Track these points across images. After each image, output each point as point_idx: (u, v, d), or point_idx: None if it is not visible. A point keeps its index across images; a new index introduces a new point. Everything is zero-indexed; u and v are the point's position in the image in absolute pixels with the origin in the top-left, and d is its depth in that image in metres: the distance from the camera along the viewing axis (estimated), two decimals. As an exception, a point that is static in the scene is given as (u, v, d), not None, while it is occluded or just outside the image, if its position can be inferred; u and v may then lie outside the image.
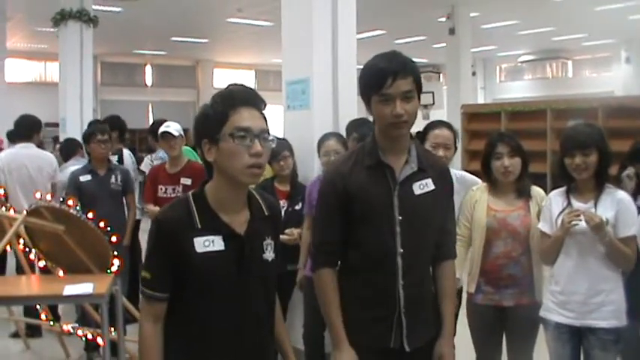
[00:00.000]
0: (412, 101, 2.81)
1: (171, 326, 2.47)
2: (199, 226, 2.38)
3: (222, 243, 2.38)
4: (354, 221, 2.90)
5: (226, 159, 2.35)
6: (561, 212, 3.74)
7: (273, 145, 2.49)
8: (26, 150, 7.13)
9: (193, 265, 2.35)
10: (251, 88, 2.49)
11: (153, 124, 8.12)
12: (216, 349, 2.41)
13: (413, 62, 2.87)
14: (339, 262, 2.99)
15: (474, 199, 4.19)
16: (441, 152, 4.12)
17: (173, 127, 5.95)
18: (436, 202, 2.98)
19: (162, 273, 2.40)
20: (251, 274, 2.43)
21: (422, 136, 4.30)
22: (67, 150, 7.63)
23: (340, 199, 2.89)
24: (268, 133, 2.42)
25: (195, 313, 2.41)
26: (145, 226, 7.21)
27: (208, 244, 2.37)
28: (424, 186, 2.94)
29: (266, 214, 2.55)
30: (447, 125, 4.33)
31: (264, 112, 2.47)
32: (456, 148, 4.30)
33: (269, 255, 2.50)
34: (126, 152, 7.54)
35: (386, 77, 2.76)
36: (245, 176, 2.36)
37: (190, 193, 2.50)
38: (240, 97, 2.40)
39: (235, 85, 2.48)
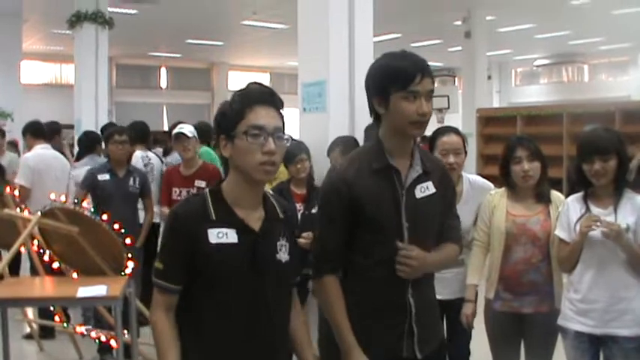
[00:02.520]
0: (430, 102, 2.78)
1: (182, 321, 2.47)
2: (214, 217, 2.41)
3: (236, 236, 2.40)
4: (360, 228, 2.83)
5: (240, 155, 2.39)
6: (579, 218, 3.68)
7: (288, 145, 2.51)
8: (48, 151, 7.18)
9: (206, 255, 2.37)
10: (269, 88, 2.51)
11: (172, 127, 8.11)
12: (226, 345, 2.41)
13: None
14: (346, 271, 2.92)
15: (493, 204, 4.13)
16: (451, 159, 4.07)
17: (187, 129, 5.93)
18: (436, 205, 2.94)
19: (174, 264, 2.42)
20: (263, 271, 2.43)
21: (430, 143, 4.26)
22: (87, 142, 7.52)
23: (344, 207, 2.81)
24: (283, 132, 2.45)
25: (206, 308, 2.41)
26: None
27: (222, 235, 2.39)
28: (425, 189, 2.89)
29: (280, 216, 2.57)
30: (455, 131, 4.28)
31: (281, 111, 2.49)
32: (466, 153, 4.24)
33: (283, 256, 2.51)
34: (137, 154, 7.50)
35: (415, 74, 2.71)
36: (258, 173, 2.39)
37: (207, 189, 2.54)
38: (256, 96, 2.44)
39: (255, 83, 2.52)
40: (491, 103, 25.98)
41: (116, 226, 4.89)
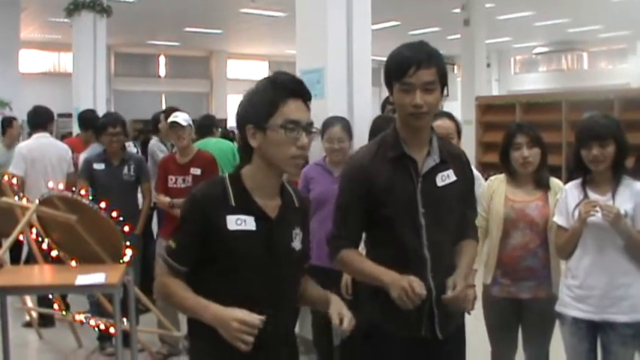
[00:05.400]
0: (433, 93, 2.78)
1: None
2: (233, 203, 2.42)
3: (254, 224, 2.42)
4: (377, 215, 2.88)
5: (273, 147, 2.40)
6: (578, 205, 3.68)
7: (317, 137, 2.53)
8: (44, 139, 7.16)
9: (224, 242, 2.39)
10: (300, 80, 2.50)
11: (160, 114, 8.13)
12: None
13: (439, 54, 2.85)
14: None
15: (492, 190, 4.15)
16: None
17: (181, 117, 5.92)
18: (458, 192, 2.98)
19: (187, 246, 2.45)
20: (279, 259, 2.46)
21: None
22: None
23: (361, 194, 2.88)
24: (313, 125, 2.47)
25: (222, 293, 2.41)
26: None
27: (240, 222, 2.41)
28: (446, 177, 2.94)
29: (296, 205, 2.59)
30: (449, 115, 4.31)
31: (309, 104, 2.49)
32: (459, 138, 4.26)
33: (297, 244, 2.53)
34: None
35: (409, 66, 2.74)
36: (289, 166, 2.43)
37: (227, 174, 2.54)
38: (291, 88, 2.43)
39: (284, 74, 2.50)
40: (490, 90, 25.91)
41: (114, 214, 4.89)
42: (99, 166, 6.18)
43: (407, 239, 2.86)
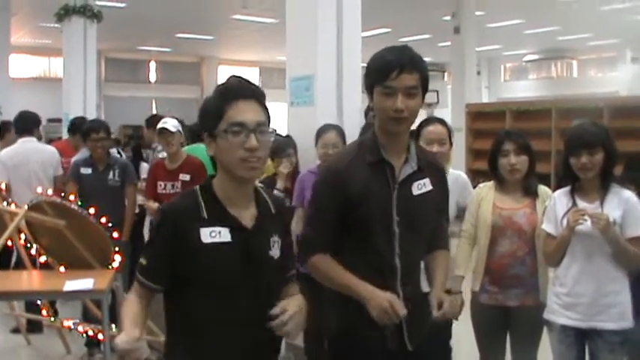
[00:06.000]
0: (415, 98, 2.75)
1: (173, 323, 2.46)
2: (206, 216, 2.35)
3: (229, 235, 2.34)
4: (351, 220, 2.83)
5: (223, 154, 2.34)
6: (566, 213, 3.68)
7: (272, 139, 2.47)
8: (29, 144, 7.10)
9: (198, 256, 2.31)
10: (249, 81, 2.44)
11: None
12: (220, 343, 2.37)
13: (422, 59, 2.81)
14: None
15: (480, 197, 4.16)
16: (435, 148, 4.09)
17: (170, 123, 5.92)
18: (433, 202, 2.94)
19: (158, 263, 2.37)
20: (257, 269, 2.38)
21: (416, 133, 4.27)
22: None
23: (336, 198, 2.82)
24: (266, 126, 2.38)
25: (197, 310, 2.36)
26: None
27: (215, 234, 2.33)
28: (422, 186, 2.90)
29: (272, 211, 2.51)
30: (441, 121, 4.30)
31: (264, 103, 2.43)
32: (451, 144, 4.26)
33: (275, 252, 2.45)
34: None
35: (392, 69, 2.70)
36: (241, 170, 2.33)
37: (198, 186, 2.47)
38: (236, 91, 2.37)
39: (234, 77, 2.45)
40: (480, 98, 25.98)
41: (103, 220, 4.88)
42: (86, 171, 6.19)
43: (379, 246, 2.82)
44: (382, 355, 2.88)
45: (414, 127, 4.33)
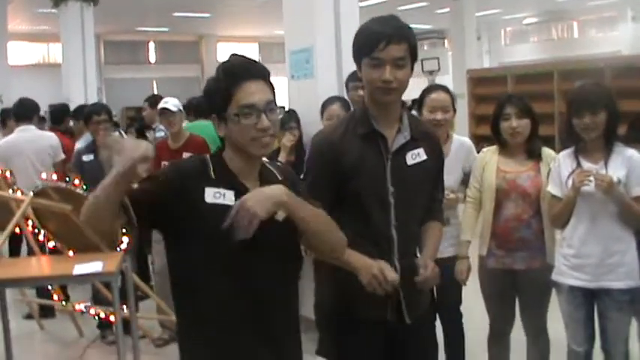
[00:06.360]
0: (403, 69, 2.73)
1: (182, 299, 2.43)
2: (213, 176, 2.34)
3: (233, 199, 2.31)
4: (345, 192, 2.82)
5: (235, 135, 2.33)
6: (571, 174, 3.68)
7: (279, 115, 2.45)
8: (25, 133, 7.07)
9: (201, 215, 2.29)
10: (252, 59, 2.42)
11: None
12: (218, 301, 2.33)
13: (409, 28, 2.78)
14: None
15: (484, 161, 4.16)
16: (439, 115, 4.09)
17: (171, 103, 5.91)
18: (427, 172, 2.94)
19: (147, 190, 2.26)
20: (259, 233, 2.26)
21: (419, 100, 4.27)
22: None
23: (330, 170, 2.81)
24: (275, 104, 2.38)
25: (205, 282, 2.33)
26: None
27: (219, 196, 2.31)
28: (416, 156, 2.89)
29: (279, 178, 2.49)
30: (444, 88, 4.31)
31: (269, 80, 2.41)
32: (454, 111, 4.27)
33: (281, 215, 2.36)
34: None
35: (379, 41, 2.68)
36: (254, 148, 2.33)
37: (208, 155, 2.47)
38: (242, 71, 2.35)
39: (236, 56, 2.43)
40: (481, 63, 25.90)
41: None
42: (88, 158, 6.13)
43: (375, 218, 2.82)
44: (381, 329, 2.90)
45: (417, 95, 4.35)
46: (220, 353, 2.36)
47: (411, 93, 3.59)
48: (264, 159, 2.52)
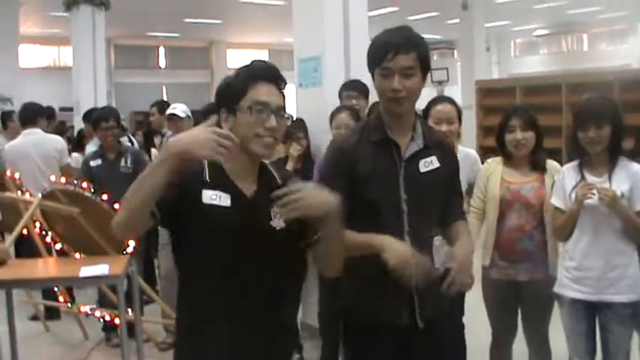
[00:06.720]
0: (412, 78, 2.77)
1: (182, 299, 2.52)
2: (208, 179, 2.41)
3: (229, 201, 2.40)
4: (359, 199, 2.83)
5: (241, 128, 2.40)
6: (574, 187, 3.69)
7: (288, 123, 2.51)
8: (31, 137, 7.13)
9: (199, 214, 2.37)
10: (273, 66, 2.53)
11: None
12: (226, 323, 2.40)
13: (420, 38, 2.83)
14: None
15: (489, 172, 4.19)
16: (444, 127, 4.11)
17: (179, 109, 5.96)
18: (440, 179, 2.96)
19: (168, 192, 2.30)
20: (253, 237, 2.38)
21: (424, 112, 4.30)
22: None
23: (345, 178, 2.83)
24: (284, 110, 2.47)
25: (204, 283, 2.41)
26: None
27: (215, 197, 2.39)
28: (429, 164, 2.92)
29: (279, 182, 2.53)
30: (450, 100, 4.33)
31: (283, 90, 2.51)
32: (460, 123, 4.29)
33: (278, 223, 2.44)
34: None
35: (387, 51, 2.74)
36: (256, 145, 2.41)
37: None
38: (261, 73, 2.47)
39: (259, 61, 2.55)
40: (490, 74, 25.86)
41: (116, 206, 4.92)
42: (95, 163, 6.17)
43: (388, 225, 2.82)
44: (394, 332, 2.90)
45: (423, 106, 4.38)
46: (217, 349, 2.42)
47: (420, 103, 3.61)
48: (266, 161, 2.57)
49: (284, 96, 2.50)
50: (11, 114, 8.90)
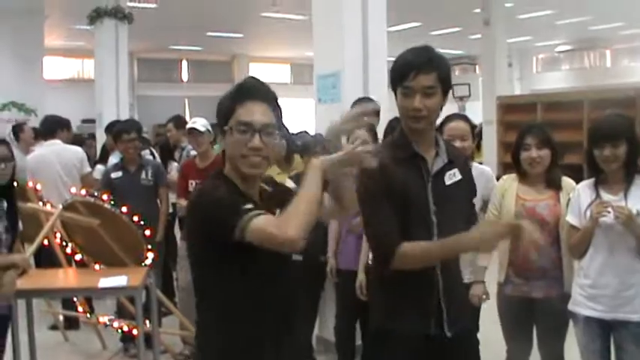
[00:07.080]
0: (433, 97, 2.83)
1: (206, 305, 2.56)
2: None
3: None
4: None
5: (229, 149, 2.48)
6: (590, 205, 3.69)
7: (277, 140, 2.58)
8: (53, 147, 7.23)
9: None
10: (262, 82, 2.56)
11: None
12: (249, 330, 2.47)
13: (441, 58, 2.88)
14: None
15: (504, 188, 4.20)
16: (457, 143, 4.13)
17: (199, 123, 6.01)
18: (463, 191, 3.07)
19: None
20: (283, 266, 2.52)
21: (439, 129, 4.32)
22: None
23: (383, 191, 2.87)
24: (273, 128, 2.49)
25: (226, 291, 2.47)
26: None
27: None
28: (452, 176, 3.00)
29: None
30: (463, 117, 4.38)
31: (275, 105, 2.54)
32: (474, 140, 4.34)
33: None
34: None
35: (409, 71, 2.80)
36: (243, 165, 2.45)
37: (211, 175, 2.61)
38: (248, 91, 2.51)
39: (250, 78, 2.59)
40: (512, 90, 25.74)
41: (135, 219, 4.98)
42: (116, 175, 6.27)
43: (419, 236, 2.88)
44: (421, 341, 2.93)
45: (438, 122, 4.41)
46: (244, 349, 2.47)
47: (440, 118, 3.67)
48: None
49: (278, 111, 2.54)
50: (22, 126, 9.04)
